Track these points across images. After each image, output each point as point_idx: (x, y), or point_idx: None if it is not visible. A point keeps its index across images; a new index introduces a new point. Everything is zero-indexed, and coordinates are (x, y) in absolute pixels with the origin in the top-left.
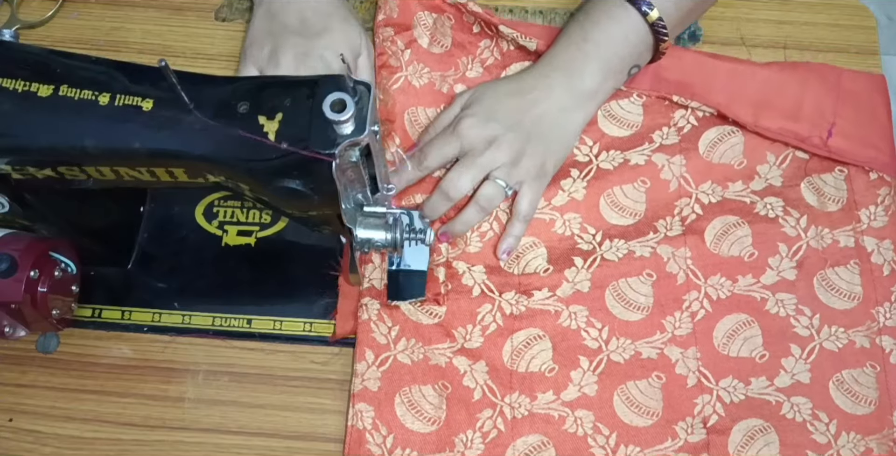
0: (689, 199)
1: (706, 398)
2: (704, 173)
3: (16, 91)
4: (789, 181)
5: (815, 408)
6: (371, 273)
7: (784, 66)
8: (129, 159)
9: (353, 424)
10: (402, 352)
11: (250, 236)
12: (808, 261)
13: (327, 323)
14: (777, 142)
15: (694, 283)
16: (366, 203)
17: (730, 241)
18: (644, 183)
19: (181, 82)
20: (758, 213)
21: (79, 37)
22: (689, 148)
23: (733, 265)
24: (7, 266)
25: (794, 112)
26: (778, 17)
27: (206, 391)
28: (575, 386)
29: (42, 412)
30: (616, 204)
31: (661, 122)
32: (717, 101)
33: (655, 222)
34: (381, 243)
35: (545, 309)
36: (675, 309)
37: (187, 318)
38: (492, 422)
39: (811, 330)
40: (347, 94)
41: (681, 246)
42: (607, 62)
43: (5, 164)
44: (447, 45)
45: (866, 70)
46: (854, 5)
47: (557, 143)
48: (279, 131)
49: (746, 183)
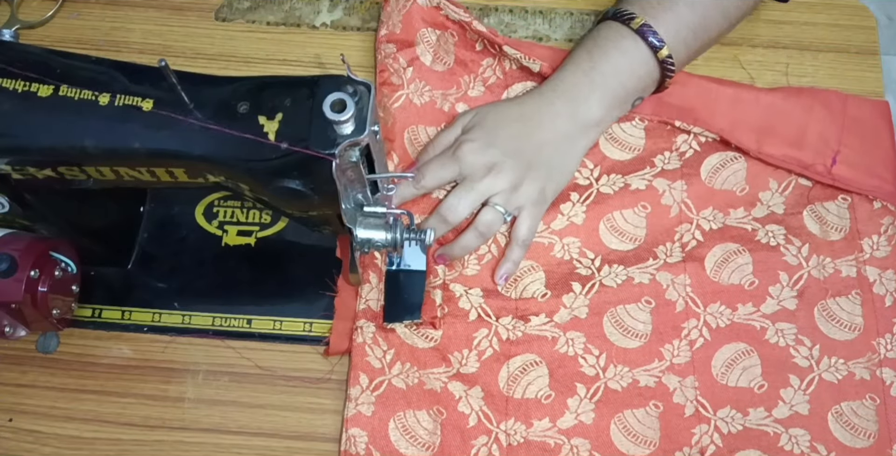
0: (690, 225)
1: (704, 428)
2: (706, 199)
3: (16, 91)
4: (792, 209)
5: (814, 440)
6: (367, 294)
7: (789, 92)
8: (129, 159)
9: (346, 449)
10: (398, 376)
11: (250, 236)
12: (808, 290)
13: (327, 323)
14: (780, 169)
15: (693, 310)
16: (366, 203)
17: (730, 268)
18: (645, 208)
19: (181, 82)
20: (759, 241)
21: (79, 37)
22: (690, 173)
23: (733, 293)
24: (7, 266)
25: (797, 139)
26: (778, 17)
27: (206, 391)
28: (571, 414)
29: (42, 412)
30: (616, 229)
31: (662, 146)
32: (720, 126)
33: (655, 248)
34: (381, 243)
35: (542, 335)
36: (674, 337)
37: (187, 318)
38: (487, 449)
39: (811, 361)
40: (347, 94)
41: (680, 273)
42: (613, 92)
43: (5, 164)
44: (450, 63)
45: (866, 70)
46: (854, 5)
47: (558, 171)
48: (279, 131)
49: (748, 210)
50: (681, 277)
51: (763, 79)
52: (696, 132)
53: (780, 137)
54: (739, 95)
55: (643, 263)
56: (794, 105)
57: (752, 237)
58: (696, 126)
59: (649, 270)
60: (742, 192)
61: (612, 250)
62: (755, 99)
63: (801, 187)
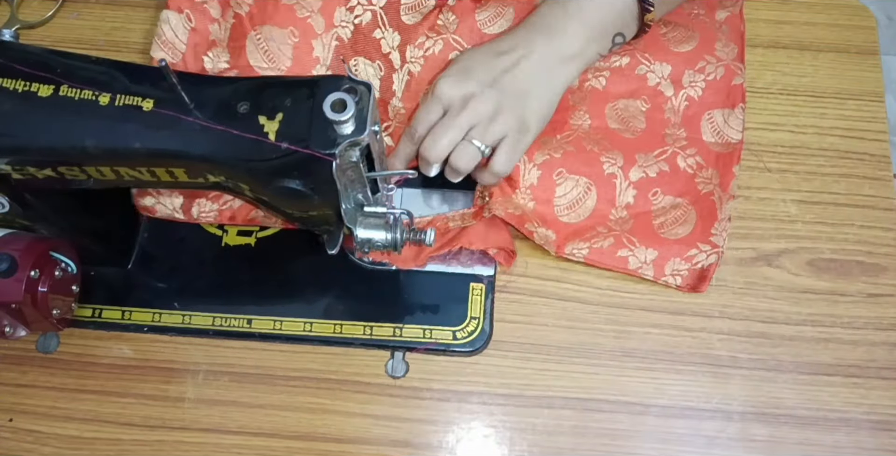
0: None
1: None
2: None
3: (16, 91)
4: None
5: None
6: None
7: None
8: (129, 159)
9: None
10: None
11: (250, 236)
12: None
13: (327, 323)
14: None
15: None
16: (366, 203)
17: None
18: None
19: (181, 82)
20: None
21: (79, 37)
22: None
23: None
24: (7, 266)
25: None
26: (778, 17)
27: (206, 391)
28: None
29: (42, 412)
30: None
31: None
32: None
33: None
34: (381, 243)
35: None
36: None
37: (187, 318)
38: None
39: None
40: (347, 94)
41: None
42: (590, 25)
43: (5, 164)
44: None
45: (866, 70)
46: (854, 5)
47: (537, 101)
48: (279, 131)
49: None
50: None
51: (763, 79)
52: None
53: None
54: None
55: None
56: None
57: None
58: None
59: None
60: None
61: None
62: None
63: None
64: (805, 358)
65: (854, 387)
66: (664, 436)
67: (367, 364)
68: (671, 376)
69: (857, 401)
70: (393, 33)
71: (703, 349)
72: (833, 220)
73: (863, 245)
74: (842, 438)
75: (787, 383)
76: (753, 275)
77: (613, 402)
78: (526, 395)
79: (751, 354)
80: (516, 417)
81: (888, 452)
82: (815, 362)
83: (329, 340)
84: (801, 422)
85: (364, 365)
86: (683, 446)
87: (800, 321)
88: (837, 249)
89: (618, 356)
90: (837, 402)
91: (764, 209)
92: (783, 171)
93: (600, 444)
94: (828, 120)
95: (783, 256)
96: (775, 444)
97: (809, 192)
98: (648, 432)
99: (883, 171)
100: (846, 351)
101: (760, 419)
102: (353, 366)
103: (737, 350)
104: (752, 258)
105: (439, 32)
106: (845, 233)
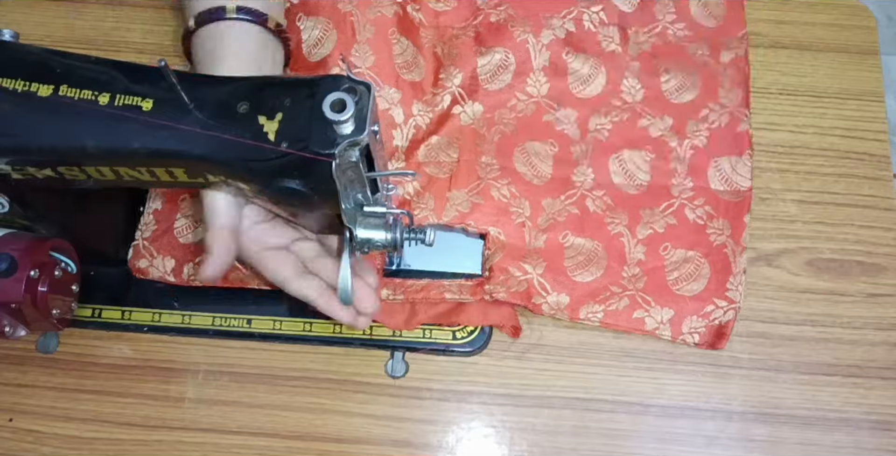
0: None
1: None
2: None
3: (16, 91)
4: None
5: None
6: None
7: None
8: (129, 159)
9: None
10: None
11: None
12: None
13: (327, 323)
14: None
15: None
16: (366, 203)
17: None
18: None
19: (181, 82)
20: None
21: (79, 37)
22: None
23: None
24: (7, 266)
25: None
26: (778, 17)
27: (206, 391)
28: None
29: (42, 412)
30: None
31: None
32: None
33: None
34: (381, 243)
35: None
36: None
37: (187, 318)
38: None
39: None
40: (347, 93)
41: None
42: None
43: (5, 164)
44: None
45: (866, 70)
46: (854, 5)
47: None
48: (279, 131)
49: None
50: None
51: (763, 79)
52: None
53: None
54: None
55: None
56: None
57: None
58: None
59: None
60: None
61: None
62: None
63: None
64: (805, 358)
65: (854, 387)
66: (664, 436)
67: (366, 364)
68: (671, 376)
69: (856, 401)
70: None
71: (702, 349)
72: (833, 220)
73: (863, 245)
74: (842, 438)
75: (786, 383)
76: (753, 275)
77: (613, 402)
78: (526, 395)
79: (751, 354)
80: (516, 417)
81: (888, 452)
82: (815, 362)
83: (329, 340)
84: (800, 422)
85: (364, 365)
86: (683, 446)
87: (800, 321)
88: (837, 249)
89: (618, 356)
90: (837, 402)
91: (764, 209)
92: (783, 171)
93: (600, 444)
94: (828, 120)
95: (783, 255)
96: (775, 444)
97: (809, 192)
98: (648, 432)
99: (883, 171)
100: (846, 351)
101: (760, 419)
102: (352, 366)
103: (737, 350)
104: (751, 258)
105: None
106: (845, 233)
